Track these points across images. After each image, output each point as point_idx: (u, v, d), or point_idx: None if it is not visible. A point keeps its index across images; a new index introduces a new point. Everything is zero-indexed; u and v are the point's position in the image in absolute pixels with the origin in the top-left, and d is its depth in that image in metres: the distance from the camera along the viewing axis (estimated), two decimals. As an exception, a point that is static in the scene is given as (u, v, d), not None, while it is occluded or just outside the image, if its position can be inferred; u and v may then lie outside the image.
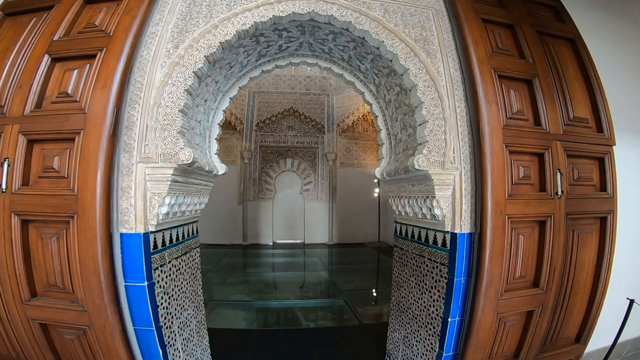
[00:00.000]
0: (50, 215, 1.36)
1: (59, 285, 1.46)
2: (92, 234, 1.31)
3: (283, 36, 2.09)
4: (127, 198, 1.44)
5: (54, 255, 1.41)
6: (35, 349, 1.55)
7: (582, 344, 1.97)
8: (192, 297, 2.12)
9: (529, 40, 1.84)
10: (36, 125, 1.40)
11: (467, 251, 1.65)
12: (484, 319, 1.63)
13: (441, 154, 1.65)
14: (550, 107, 1.69)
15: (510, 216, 1.56)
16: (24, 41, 1.65)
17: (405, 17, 1.88)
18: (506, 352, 1.82)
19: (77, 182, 1.33)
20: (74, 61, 1.54)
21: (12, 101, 1.46)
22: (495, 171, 1.52)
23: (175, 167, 1.47)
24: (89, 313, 1.45)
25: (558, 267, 1.68)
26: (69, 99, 1.44)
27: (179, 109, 1.52)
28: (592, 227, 1.80)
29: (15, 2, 1.82)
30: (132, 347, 1.59)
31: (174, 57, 1.64)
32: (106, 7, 1.71)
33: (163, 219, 1.55)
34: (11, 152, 1.39)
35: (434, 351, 1.86)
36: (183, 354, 1.91)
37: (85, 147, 1.33)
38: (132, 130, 1.47)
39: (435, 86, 1.71)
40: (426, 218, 1.84)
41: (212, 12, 1.79)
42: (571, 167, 1.71)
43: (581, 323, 1.96)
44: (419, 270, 2.01)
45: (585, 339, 1.97)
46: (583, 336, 1.97)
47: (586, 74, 1.90)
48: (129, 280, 1.51)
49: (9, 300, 1.47)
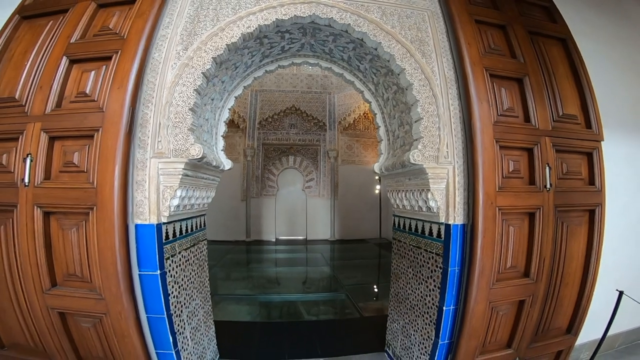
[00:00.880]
0: (70, 207, 1.47)
1: (77, 275, 1.55)
2: (110, 225, 1.42)
3: (285, 38, 2.18)
4: (141, 191, 1.55)
5: (73, 245, 1.51)
6: (53, 337, 1.64)
7: (573, 335, 2.05)
8: (199, 288, 2.22)
9: (521, 40, 1.91)
10: (57, 123, 1.50)
11: (460, 242, 1.75)
12: (476, 307, 1.72)
13: (435, 149, 1.74)
14: (539, 105, 1.77)
15: (500, 208, 1.65)
16: (42, 43, 1.75)
17: (401, 19, 1.96)
18: (499, 340, 1.90)
19: (96, 176, 1.43)
20: (91, 63, 1.64)
21: (33, 101, 1.56)
22: (486, 165, 1.61)
23: (186, 162, 1.58)
24: (106, 301, 1.54)
25: (548, 257, 1.76)
26: (87, 99, 1.54)
27: (189, 107, 1.62)
28: (581, 220, 1.88)
29: (31, 5, 1.91)
30: (144, 334, 1.68)
31: (184, 58, 1.74)
32: (119, 10, 1.81)
33: (174, 211, 1.65)
34: (34, 148, 1.49)
35: (430, 339, 1.95)
36: (191, 342, 2.01)
37: (104, 144, 1.43)
38: (146, 127, 1.57)
39: (430, 85, 1.80)
40: (422, 210, 1.93)
41: (218, 15, 1.87)
42: (560, 162, 1.79)
43: (572, 314, 2.04)
44: (416, 261, 2.11)
45: (576, 330, 2.05)
46: (574, 327, 2.04)
47: (576, 72, 1.97)
48: (142, 269, 1.61)
49: (30, 290, 1.57)
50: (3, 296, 1.63)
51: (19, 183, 1.49)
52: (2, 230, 1.55)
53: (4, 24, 1.86)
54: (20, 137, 1.52)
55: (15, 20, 1.86)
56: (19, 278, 1.57)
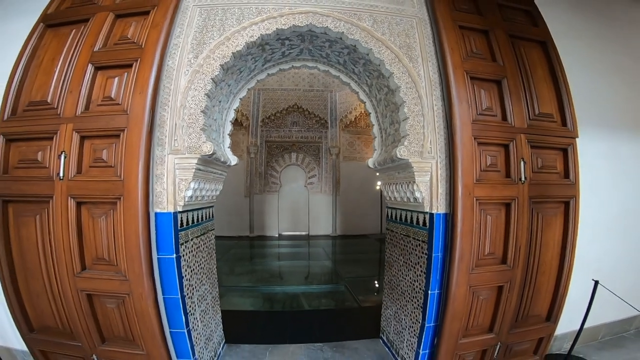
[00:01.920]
0: (100, 198, 1.70)
1: (105, 259, 1.77)
2: (134, 212, 1.65)
3: (286, 44, 2.38)
4: (160, 183, 1.78)
5: (102, 231, 1.74)
6: (80, 319, 1.85)
7: (552, 322, 2.21)
8: (208, 274, 2.46)
9: (501, 44, 2.09)
10: (86, 124, 1.74)
11: (443, 229, 1.96)
12: (457, 290, 1.91)
13: (420, 145, 1.95)
14: (516, 104, 1.97)
15: (478, 198, 1.85)
16: (67, 51, 1.96)
17: (391, 26, 2.15)
18: (481, 324, 2.07)
19: (123, 170, 1.67)
20: (114, 70, 1.85)
21: (65, 104, 1.80)
22: (464, 159, 1.82)
23: (198, 158, 1.81)
24: (130, 282, 1.76)
25: (523, 245, 1.96)
26: (112, 102, 1.77)
27: (201, 109, 1.84)
28: (556, 211, 2.06)
29: (54, 14, 2.11)
30: (161, 313, 1.88)
31: (195, 66, 1.96)
32: (135, 21, 2.01)
33: (188, 201, 1.89)
34: (67, 146, 1.73)
35: (418, 322, 2.14)
36: (200, 323, 2.23)
37: (129, 142, 1.67)
38: (163, 127, 1.81)
39: (416, 87, 2.00)
40: (410, 201, 2.14)
41: (224, 25, 2.08)
42: (535, 157, 1.98)
43: (550, 302, 2.20)
44: (406, 249, 2.32)
45: (555, 318, 2.21)
46: (553, 314, 2.20)
47: (554, 74, 2.15)
48: (161, 253, 1.84)
49: (63, 273, 1.78)
50: (37, 282, 1.86)
51: (55, 177, 1.72)
52: (38, 219, 1.78)
53: (30, 32, 2.07)
54: (55, 136, 1.75)
55: (40, 29, 2.07)
56: (52, 263, 1.79)
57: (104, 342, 1.92)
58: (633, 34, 2.87)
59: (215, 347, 2.45)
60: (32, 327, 1.97)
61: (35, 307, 1.92)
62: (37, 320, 1.96)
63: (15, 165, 1.82)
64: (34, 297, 1.90)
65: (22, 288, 1.91)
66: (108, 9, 2.04)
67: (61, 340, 1.94)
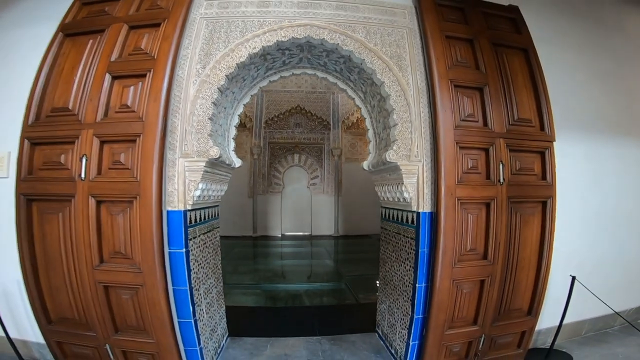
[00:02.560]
0: (118, 197, 1.91)
1: (121, 252, 1.95)
2: (149, 210, 1.86)
3: (286, 54, 2.58)
4: (172, 184, 1.99)
5: (119, 227, 1.94)
6: (96, 310, 2.01)
7: (533, 317, 2.36)
8: (213, 269, 2.65)
9: (485, 52, 2.26)
10: (105, 129, 1.95)
11: (429, 226, 2.14)
12: (442, 284, 2.08)
13: (408, 149, 2.14)
14: (496, 110, 2.14)
15: (459, 198, 2.03)
16: (86, 60, 2.14)
17: (383, 37, 2.32)
18: (466, 316, 2.22)
19: (139, 172, 1.88)
20: (130, 79, 2.04)
21: (85, 111, 2.00)
22: (447, 163, 2.00)
23: (206, 161, 2.02)
24: (143, 274, 1.93)
25: (502, 242, 2.13)
26: (129, 110, 1.98)
27: (208, 117, 2.05)
28: (534, 210, 2.23)
29: (71, 24, 2.27)
30: (170, 304, 2.04)
31: (203, 76, 2.16)
32: (147, 32, 2.18)
33: (196, 200, 2.09)
34: (88, 150, 1.94)
35: (409, 315, 2.31)
36: (206, 315, 2.42)
37: (144, 147, 1.88)
38: (174, 133, 2.01)
39: (405, 95, 2.19)
40: (400, 201, 2.33)
41: (229, 37, 2.27)
42: (514, 160, 2.16)
43: (531, 297, 2.35)
44: (398, 246, 2.51)
45: (535, 312, 2.36)
46: (533, 309, 2.36)
47: (534, 80, 2.32)
48: (171, 247, 2.03)
49: (82, 266, 1.95)
50: (58, 275, 2.04)
51: (77, 178, 1.94)
52: (61, 216, 1.98)
53: (50, 40, 2.24)
54: (77, 141, 1.96)
55: (60, 38, 2.22)
56: (73, 257, 1.98)
57: (117, 332, 2.07)
58: (618, 38, 3.01)
59: (219, 338, 2.64)
60: (50, 319, 2.12)
61: (55, 299, 2.09)
62: (55, 312, 2.12)
63: (39, 167, 2.03)
64: (54, 290, 2.08)
65: (42, 282, 2.08)
66: (122, 20, 2.21)
67: (77, 331, 2.10)
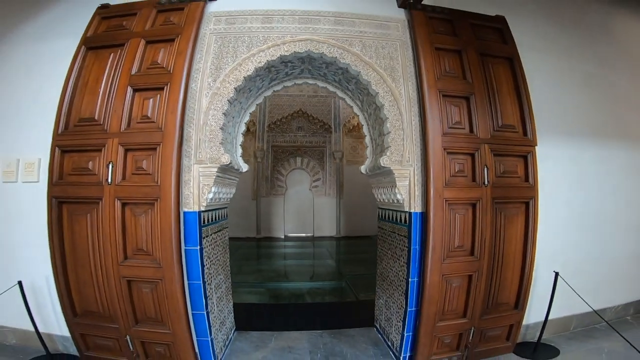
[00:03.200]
0: (141, 199, 2.16)
1: (143, 249, 2.18)
2: (169, 211, 2.11)
3: (288, 65, 2.80)
4: (188, 187, 2.24)
5: (142, 227, 2.17)
6: (120, 302, 2.22)
7: (520, 310, 2.56)
8: (223, 266, 2.89)
9: (472, 63, 2.48)
10: (129, 139, 2.20)
11: (420, 225, 2.36)
12: (432, 278, 2.29)
13: (400, 155, 2.37)
14: (481, 118, 2.37)
15: (447, 199, 2.26)
16: (108, 73, 2.36)
17: (378, 50, 2.54)
18: (456, 310, 2.41)
19: (159, 177, 2.12)
20: (149, 91, 2.28)
21: (111, 121, 2.24)
22: (435, 167, 2.23)
23: (218, 167, 2.26)
24: (163, 269, 2.15)
25: (488, 239, 2.34)
26: (149, 120, 2.23)
27: (220, 126, 2.30)
28: (518, 210, 2.45)
29: (93, 38, 2.49)
30: (186, 296, 2.26)
31: (214, 89, 2.39)
32: (163, 47, 2.39)
33: (209, 202, 2.34)
34: (113, 157, 2.20)
35: (403, 308, 2.51)
36: (216, 308, 2.65)
37: (164, 154, 2.13)
38: (189, 142, 2.26)
39: (398, 105, 2.42)
40: (394, 202, 2.56)
41: (236, 52, 2.50)
42: (498, 163, 2.38)
43: (517, 291, 2.54)
44: (393, 244, 2.73)
45: (522, 306, 2.56)
46: (520, 303, 2.55)
47: (518, 88, 2.53)
48: (187, 245, 2.26)
49: (108, 263, 2.18)
50: (85, 271, 2.26)
51: (104, 182, 2.19)
52: (89, 217, 2.23)
53: (74, 54, 2.44)
54: (103, 149, 2.22)
55: (83, 51, 2.43)
56: (99, 254, 2.21)
57: (137, 323, 2.27)
58: (603, 42, 3.20)
59: (227, 332, 2.87)
60: (76, 312, 2.33)
61: (81, 293, 2.30)
62: (80, 305, 2.33)
63: (69, 172, 2.28)
64: (81, 285, 2.29)
65: (71, 277, 2.29)
66: (139, 35, 2.43)
67: (100, 323, 2.30)
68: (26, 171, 2.55)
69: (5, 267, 2.55)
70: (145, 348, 2.34)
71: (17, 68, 2.76)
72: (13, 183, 2.58)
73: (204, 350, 2.38)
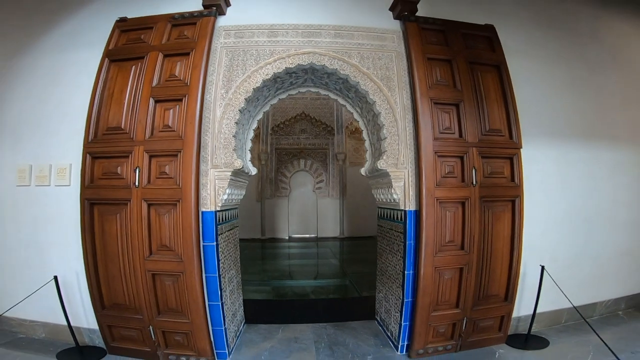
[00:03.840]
0: (164, 201, 2.46)
1: (167, 245, 2.45)
2: (189, 211, 2.41)
3: (293, 76, 3.08)
4: (205, 189, 2.54)
5: (165, 225, 2.46)
6: (144, 295, 2.48)
7: (509, 302, 2.79)
8: (234, 262, 3.19)
9: (461, 71, 2.73)
10: (153, 146, 2.50)
11: (414, 222, 2.64)
12: (425, 270, 2.55)
13: (395, 158, 2.65)
14: (469, 123, 2.64)
15: (438, 198, 2.54)
16: (132, 84, 2.60)
17: (375, 61, 2.81)
18: (448, 300, 2.64)
19: (181, 181, 2.43)
20: (169, 102, 2.55)
21: (136, 130, 2.53)
22: (427, 169, 2.51)
23: (232, 171, 2.56)
24: (184, 263, 2.42)
25: (476, 235, 2.60)
26: (170, 129, 2.52)
27: (232, 134, 2.60)
28: (505, 208, 2.71)
29: (115, 50, 2.72)
30: (203, 288, 2.52)
31: (226, 99, 2.68)
32: (179, 61, 2.63)
33: (224, 203, 2.64)
34: (140, 163, 2.50)
35: (400, 299, 2.77)
36: (229, 300, 2.93)
37: (185, 160, 2.43)
38: (206, 149, 2.56)
39: (393, 112, 2.70)
40: (391, 201, 2.84)
41: (245, 65, 2.78)
42: (486, 165, 2.65)
43: (506, 284, 2.76)
44: (391, 240, 3.01)
45: (511, 298, 2.79)
46: (509, 295, 2.77)
47: (505, 94, 2.78)
48: (205, 241, 2.55)
49: (136, 258, 2.45)
50: (114, 266, 2.52)
51: (131, 185, 2.49)
52: (118, 217, 2.53)
53: (99, 65, 2.68)
54: (130, 155, 2.52)
55: (107, 64, 2.68)
56: (128, 250, 2.48)
57: (159, 314, 2.52)
58: (592, 47, 3.40)
59: (238, 323, 3.16)
60: (104, 305, 2.59)
61: (110, 287, 2.56)
62: (109, 298, 2.58)
63: (99, 176, 2.58)
64: (110, 279, 2.55)
65: (101, 272, 2.56)
66: (157, 49, 2.66)
67: (126, 315, 2.54)
68: (58, 176, 2.85)
69: (38, 264, 2.84)
70: (166, 338, 2.60)
71: (43, 79, 3.02)
72: (46, 187, 2.88)
73: (218, 339, 2.64)
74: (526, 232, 2.79)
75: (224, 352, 2.65)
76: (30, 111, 3.00)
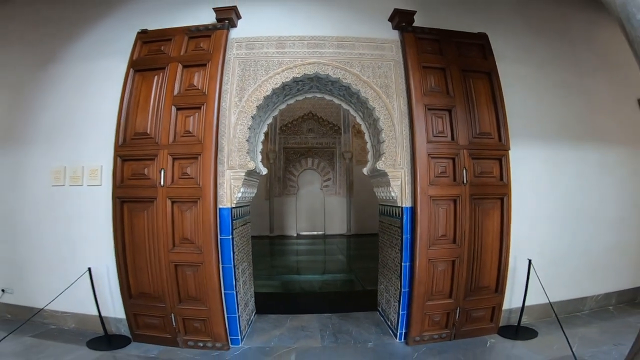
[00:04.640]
0: (186, 199, 2.83)
1: (188, 238, 2.82)
2: (208, 208, 2.78)
3: (299, 83, 3.40)
4: (222, 188, 2.91)
5: (187, 220, 2.83)
6: (167, 284, 2.81)
7: (499, 294, 3.06)
8: (246, 255, 3.54)
9: (454, 79, 3.02)
10: (176, 150, 2.88)
11: (410, 218, 2.95)
12: (420, 261, 2.86)
13: (393, 160, 2.96)
14: (461, 127, 2.93)
15: (431, 196, 2.85)
16: (155, 93, 2.94)
17: (374, 70, 3.11)
18: (442, 291, 2.93)
19: (201, 181, 2.80)
20: (189, 110, 2.91)
21: (161, 136, 2.91)
22: (421, 170, 2.82)
23: (246, 172, 2.92)
24: (203, 254, 2.77)
25: (467, 230, 2.90)
26: (190, 135, 2.89)
27: (246, 139, 2.95)
28: (494, 205, 2.99)
29: (138, 61, 3.05)
30: (220, 277, 2.85)
31: (240, 107, 3.03)
32: (197, 71, 2.96)
33: (238, 201, 3.00)
34: (164, 165, 2.88)
35: (399, 289, 3.08)
36: (242, 289, 3.29)
37: (204, 162, 2.80)
38: (222, 151, 2.93)
39: (391, 118, 3.01)
40: (389, 199, 3.16)
41: (257, 75, 3.12)
42: (476, 165, 2.94)
43: (497, 277, 3.03)
44: (391, 234, 3.32)
45: (501, 290, 3.06)
46: (499, 287, 3.05)
47: (495, 99, 3.06)
48: (222, 235, 2.91)
49: (161, 250, 2.80)
50: (141, 257, 2.86)
51: (157, 185, 2.87)
52: (146, 213, 2.91)
53: (125, 75, 3.01)
54: (156, 158, 2.90)
55: (132, 73, 3.01)
56: (154, 243, 2.84)
57: (180, 302, 2.82)
58: (583, 50, 3.61)
59: (249, 313, 3.51)
60: (131, 295, 2.91)
61: (137, 277, 2.89)
62: (135, 288, 2.90)
63: (128, 177, 2.97)
64: (137, 270, 2.88)
65: (129, 264, 2.88)
66: (176, 60, 2.99)
67: (150, 303, 2.85)
68: (90, 176, 3.25)
69: (70, 258, 3.15)
70: (185, 324, 2.92)
71: (71, 86, 3.35)
72: (79, 186, 3.27)
73: (232, 325, 2.97)
74: (516, 228, 3.05)
75: (237, 337, 2.97)
76: (62, 118, 3.34)
